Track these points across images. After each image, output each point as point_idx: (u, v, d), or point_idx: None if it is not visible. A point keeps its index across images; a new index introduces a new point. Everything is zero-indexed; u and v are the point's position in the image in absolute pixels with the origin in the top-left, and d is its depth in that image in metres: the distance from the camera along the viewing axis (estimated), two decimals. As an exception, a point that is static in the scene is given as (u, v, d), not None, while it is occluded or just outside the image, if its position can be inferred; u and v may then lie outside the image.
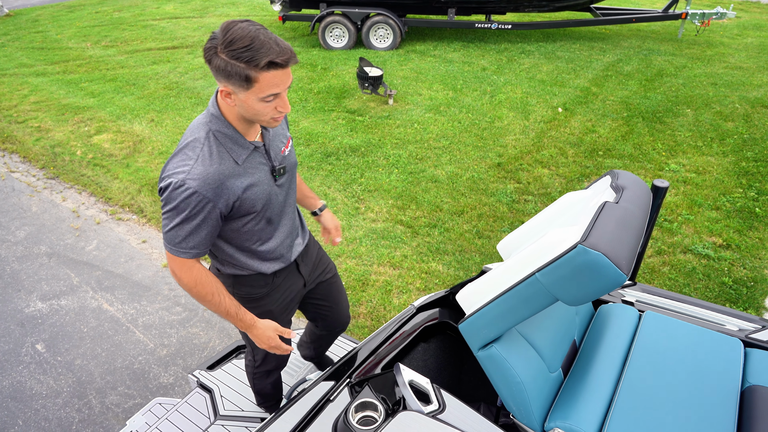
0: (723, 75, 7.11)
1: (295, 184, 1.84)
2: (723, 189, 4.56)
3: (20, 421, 2.81)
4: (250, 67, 1.35)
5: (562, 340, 1.65)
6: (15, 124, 6.05)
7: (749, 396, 1.48)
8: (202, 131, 1.52)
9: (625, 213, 1.39)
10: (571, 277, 1.26)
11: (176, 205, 1.48)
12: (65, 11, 11.23)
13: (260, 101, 1.43)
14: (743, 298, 3.44)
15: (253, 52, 1.34)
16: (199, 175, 1.47)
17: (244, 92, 1.41)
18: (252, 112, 1.47)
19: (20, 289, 3.69)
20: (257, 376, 2.20)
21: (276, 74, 1.39)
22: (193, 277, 1.60)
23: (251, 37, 1.35)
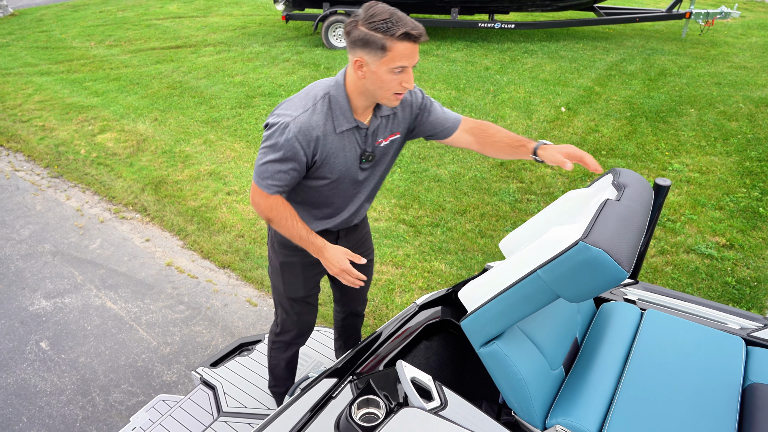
0: (727, 74, 7.10)
1: (380, 177, 1.92)
2: (726, 189, 4.55)
3: (24, 418, 2.83)
4: (386, 36, 1.49)
5: (564, 337, 1.66)
6: (19, 123, 6.08)
7: (750, 394, 1.48)
8: (321, 91, 1.67)
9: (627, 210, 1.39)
10: (573, 273, 1.26)
11: (274, 143, 1.64)
12: (69, 11, 11.27)
13: (389, 72, 1.54)
14: (746, 298, 3.44)
15: (391, 23, 1.49)
16: (301, 123, 1.61)
17: (377, 62, 1.53)
18: (377, 84, 1.58)
19: (25, 287, 3.71)
20: (275, 347, 2.31)
21: (408, 46, 1.51)
22: (269, 204, 1.74)
23: (390, 12, 1.51)
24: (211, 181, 4.84)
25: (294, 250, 1.99)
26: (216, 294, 3.63)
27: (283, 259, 2.04)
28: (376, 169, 1.88)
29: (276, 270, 2.09)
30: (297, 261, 2.03)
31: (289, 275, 2.07)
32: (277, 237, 2.01)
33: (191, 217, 4.37)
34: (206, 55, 8.18)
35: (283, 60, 7.88)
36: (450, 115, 1.88)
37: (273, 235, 2.03)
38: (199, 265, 3.90)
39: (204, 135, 5.66)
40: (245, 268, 3.80)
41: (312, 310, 2.22)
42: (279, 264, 2.05)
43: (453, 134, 1.87)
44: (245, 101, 6.46)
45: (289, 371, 2.41)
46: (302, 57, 7.98)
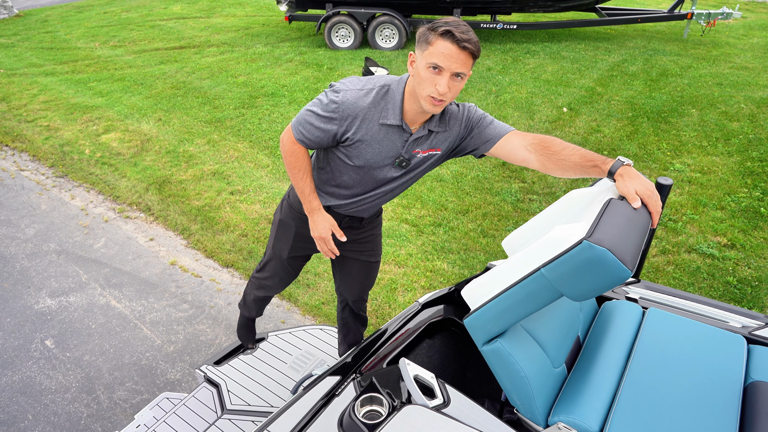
0: (728, 75, 7.10)
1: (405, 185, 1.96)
2: (728, 189, 4.56)
3: (30, 415, 2.85)
4: (430, 31, 1.54)
5: (566, 335, 1.67)
6: (24, 123, 6.11)
7: (752, 391, 1.50)
8: (384, 81, 1.73)
9: (630, 210, 1.39)
10: (576, 272, 1.27)
11: (322, 99, 1.73)
12: (74, 12, 11.31)
13: (426, 68, 1.56)
14: (748, 298, 3.45)
15: (442, 23, 1.53)
16: (351, 97, 1.69)
17: (421, 57, 1.57)
18: (417, 80, 1.60)
19: (30, 285, 3.73)
20: (252, 281, 2.48)
21: (447, 46, 1.51)
22: (293, 150, 1.83)
23: (454, 19, 1.56)
24: (215, 180, 4.86)
25: (296, 216, 2.10)
26: (219, 293, 3.65)
27: (284, 217, 2.15)
28: (405, 176, 1.90)
29: (274, 224, 2.22)
30: (293, 225, 2.13)
31: (281, 233, 2.18)
32: (290, 198, 2.11)
33: (195, 216, 4.40)
34: (210, 56, 8.21)
35: (287, 60, 7.90)
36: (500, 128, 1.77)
37: (288, 196, 2.13)
38: (202, 264, 3.92)
39: (207, 135, 5.69)
40: (248, 267, 3.82)
41: (289, 273, 2.34)
42: (278, 220, 2.18)
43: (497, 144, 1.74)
44: (248, 101, 6.48)
45: (256, 308, 2.62)
46: (305, 57, 8.00)
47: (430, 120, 1.76)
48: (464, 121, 1.81)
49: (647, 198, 1.41)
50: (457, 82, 1.58)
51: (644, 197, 1.42)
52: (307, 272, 3.73)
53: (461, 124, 1.81)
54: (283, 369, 2.57)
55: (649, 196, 1.42)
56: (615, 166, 1.50)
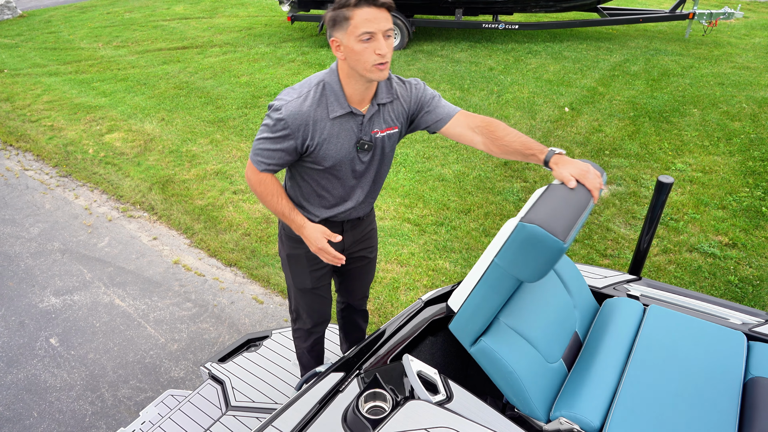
0: (730, 75, 7.10)
1: (384, 170, 1.95)
2: (729, 188, 4.57)
3: (35, 413, 2.87)
4: (345, 7, 1.55)
5: (559, 331, 1.69)
6: (28, 123, 6.14)
7: (751, 387, 1.51)
8: (317, 78, 1.73)
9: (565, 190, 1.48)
10: (519, 253, 1.38)
11: (267, 123, 1.73)
12: (77, 12, 11.35)
13: (358, 42, 1.57)
14: (749, 297, 3.46)
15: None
16: (293, 108, 1.68)
17: (346, 36, 1.58)
18: (355, 58, 1.60)
19: (34, 284, 3.76)
20: (296, 336, 2.40)
21: (368, 11, 1.54)
22: (259, 179, 1.83)
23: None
24: (218, 180, 4.88)
25: (299, 242, 2.04)
26: (223, 292, 3.67)
27: (290, 251, 2.09)
28: (373, 161, 1.90)
29: (284, 261, 2.16)
30: (302, 253, 2.08)
31: (295, 266, 2.13)
32: (285, 230, 2.06)
33: (198, 215, 4.42)
34: (212, 56, 8.24)
35: (289, 60, 7.93)
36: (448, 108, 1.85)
37: (282, 228, 2.08)
38: (205, 263, 3.94)
39: (210, 135, 5.71)
40: (251, 266, 3.84)
41: (322, 301, 2.27)
42: (286, 256, 2.12)
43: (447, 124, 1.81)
44: (251, 101, 6.50)
45: (314, 359, 2.48)
46: (307, 57, 8.02)
47: (376, 94, 1.77)
48: (413, 97, 1.84)
49: (582, 177, 1.52)
50: (389, 39, 1.61)
51: (579, 177, 1.52)
52: (309, 271, 3.75)
53: (411, 100, 1.84)
54: (287, 366, 2.58)
55: (584, 175, 1.52)
56: (549, 155, 1.63)
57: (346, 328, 2.64)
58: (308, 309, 2.26)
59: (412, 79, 1.87)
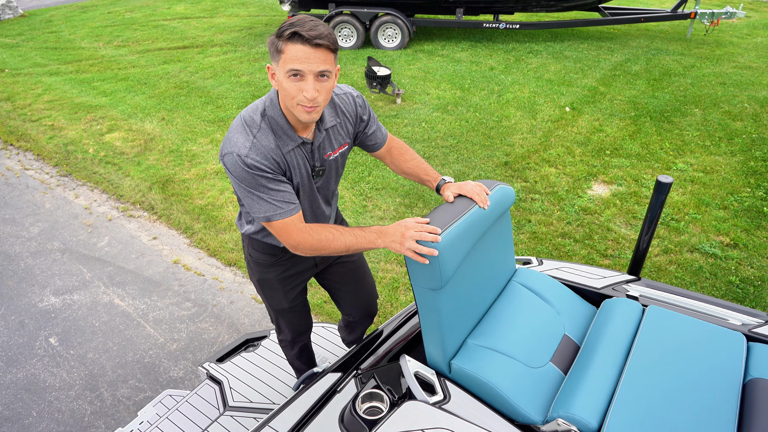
0: (732, 74, 7.08)
1: (334, 182, 1.87)
2: (731, 188, 4.55)
3: (34, 412, 2.87)
4: (279, 39, 1.41)
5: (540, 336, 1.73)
6: (29, 123, 6.14)
7: (751, 388, 1.50)
8: (256, 114, 1.57)
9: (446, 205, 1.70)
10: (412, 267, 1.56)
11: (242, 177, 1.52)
12: (78, 12, 11.36)
13: (286, 77, 1.44)
14: (750, 297, 3.44)
15: (287, 26, 1.40)
16: (256, 149, 1.52)
17: (278, 68, 1.46)
18: (283, 93, 1.49)
19: (34, 283, 3.76)
20: (282, 346, 2.37)
21: (299, 48, 1.39)
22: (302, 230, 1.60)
23: (299, 18, 1.42)
24: (218, 179, 4.88)
25: (267, 266, 1.98)
26: (222, 291, 3.67)
27: (260, 276, 2.02)
28: (330, 177, 1.83)
29: (256, 286, 2.09)
30: (273, 277, 2.00)
31: (268, 290, 2.06)
32: (250, 255, 1.98)
33: (198, 215, 4.42)
34: (213, 56, 8.23)
35: (289, 60, 7.92)
36: (382, 130, 1.89)
37: (248, 253, 1.99)
38: (205, 263, 3.94)
39: (211, 134, 5.71)
40: (251, 266, 3.84)
41: (301, 315, 2.22)
42: (257, 281, 2.05)
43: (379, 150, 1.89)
44: (252, 101, 6.49)
45: (306, 363, 2.45)
46: (308, 57, 8.02)
47: (321, 119, 1.66)
48: (357, 115, 1.79)
49: (460, 190, 1.73)
50: (325, 82, 1.47)
51: (461, 191, 1.73)
52: (309, 271, 3.74)
53: (356, 117, 1.78)
54: (285, 366, 2.58)
55: (461, 187, 1.74)
56: (440, 184, 1.84)
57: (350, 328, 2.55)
58: (289, 324, 2.22)
59: (352, 91, 1.78)
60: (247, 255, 2.00)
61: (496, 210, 1.76)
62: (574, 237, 4.02)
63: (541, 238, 4.01)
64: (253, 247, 1.95)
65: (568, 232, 4.08)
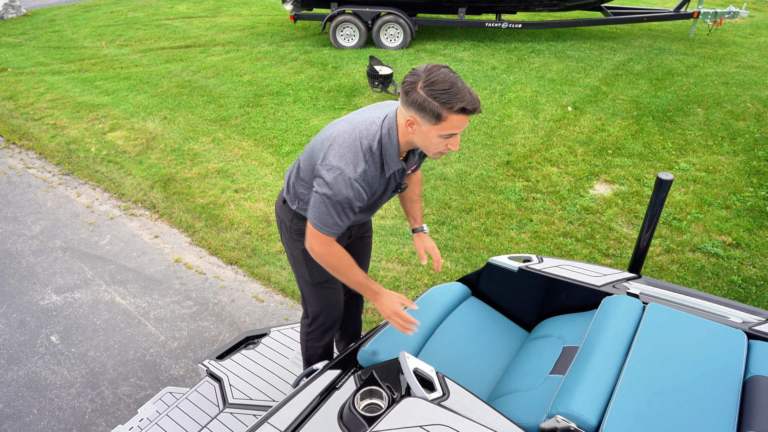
0: (735, 74, 7.06)
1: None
2: (733, 188, 4.54)
3: (35, 410, 2.88)
4: (444, 107, 1.55)
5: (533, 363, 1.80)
6: (31, 122, 6.16)
7: (751, 386, 1.50)
8: (374, 141, 1.72)
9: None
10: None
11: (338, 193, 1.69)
12: (81, 11, 11.38)
13: (439, 137, 1.63)
14: (752, 297, 3.43)
15: (450, 96, 1.54)
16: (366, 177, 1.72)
17: (429, 126, 1.61)
18: (425, 143, 1.68)
19: (36, 282, 3.77)
20: (311, 337, 2.38)
21: (462, 118, 1.59)
22: (330, 252, 1.80)
23: (450, 82, 1.55)
24: (219, 178, 4.88)
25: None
26: (223, 290, 3.67)
27: (304, 246, 2.06)
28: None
29: (298, 259, 2.14)
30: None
31: (311, 260, 2.10)
32: (293, 227, 2.07)
33: (199, 214, 4.42)
34: (215, 55, 8.24)
35: (291, 59, 7.93)
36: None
37: (290, 226, 2.08)
38: (206, 262, 3.94)
39: (212, 133, 5.71)
40: (252, 265, 3.84)
41: (338, 293, 2.28)
42: (300, 252, 2.10)
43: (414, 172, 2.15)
44: (253, 100, 6.50)
45: (326, 356, 2.49)
46: (310, 56, 8.02)
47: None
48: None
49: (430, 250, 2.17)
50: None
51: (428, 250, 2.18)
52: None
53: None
54: (285, 364, 2.58)
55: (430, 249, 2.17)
56: (417, 229, 2.22)
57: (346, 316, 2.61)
58: (326, 305, 2.26)
59: None
60: (288, 229, 2.09)
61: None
62: (576, 236, 4.01)
63: (542, 237, 4.01)
64: (299, 216, 2.05)
65: (570, 231, 4.07)
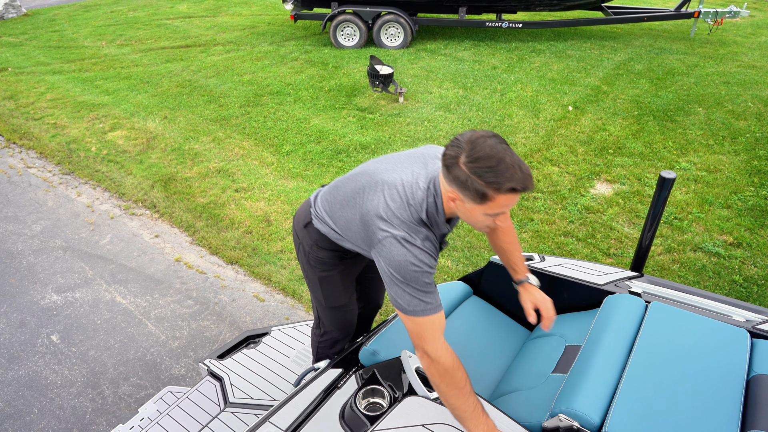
0: (736, 74, 7.05)
1: None
2: (734, 187, 4.53)
3: (36, 409, 2.87)
4: (490, 187, 1.34)
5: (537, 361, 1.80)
6: (32, 121, 6.15)
7: (754, 385, 1.49)
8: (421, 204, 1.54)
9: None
10: None
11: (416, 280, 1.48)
12: (81, 11, 11.38)
13: (485, 215, 1.43)
14: (754, 296, 3.43)
15: (498, 175, 1.32)
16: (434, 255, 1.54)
17: (473, 204, 1.41)
18: (470, 219, 1.48)
19: (36, 281, 3.76)
20: (322, 345, 2.28)
21: (511, 197, 1.38)
22: (453, 357, 1.49)
23: (498, 158, 1.33)
24: (220, 178, 4.88)
25: (333, 265, 1.94)
26: (224, 289, 3.66)
27: (321, 273, 1.97)
28: None
29: (314, 283, 2.02)
30: (335, 273, 1.97)
31: (327, 288, 2.01)
32: (312, 254, 1.93)
33: (200, 213, 4.42)
34: (215, 54, 8.24)
35: (292, 59, 7.92)
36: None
37: (308, 252, 1.94)
38: (207, 261, 3.93)
39: (213, 133, 5.71)
40: (253, 264, 3.84)
41: (353, 313, 2.19)
42: (317, 279, 1.99)
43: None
44: (254, 99, 6.50)
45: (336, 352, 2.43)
46: (310, 56, 8.02)
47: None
48: None
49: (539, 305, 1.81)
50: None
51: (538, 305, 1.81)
52: (311, 269, 3.74)
53: None
54: (286, 363, 2.57)
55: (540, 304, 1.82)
56: (521, 280, 1.89)
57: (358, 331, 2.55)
58: (339, 324, 2.15)
59: None
60: (306, 254, 1.94)
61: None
62: (577, 236, 4.01)
63: (543, 236, 4.00)
64: (320, 245, 1.89)
65: (571, 230, 4.07)
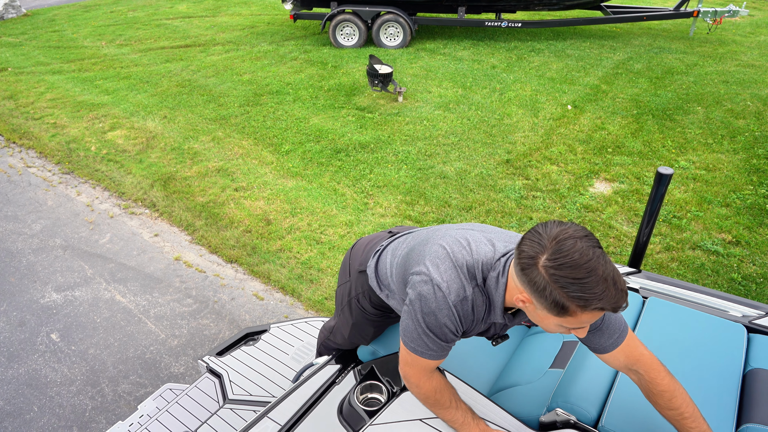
0: (735, 73, 7.06)
1: None
2: (733, 186, 4.54)
3: (36, 407, 2.88)
4: (574, 302, 1.12)
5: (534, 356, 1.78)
6: (32, 121, 6.16)
7: (751, 379, 1.50)
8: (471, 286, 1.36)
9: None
10: None
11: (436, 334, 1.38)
12: (81, 11, 11.39)
13: (559, 326, 1.23)
14: (752, 295, 3.43)
15: (585, 290, 1.10)
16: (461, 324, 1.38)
17: (547, 313, 1.19)
18: (540, 324, 1.27)
19: (36, 280, 3.77)
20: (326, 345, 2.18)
21: (595, 314, 1.15)
22: (434, 385, 1.46)
23: (588, 269, 1.10)
24: (219, 177, 4.88)
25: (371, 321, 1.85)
26: (223, 288, 3.67)
27: (357, 320, 1.87)
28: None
29: (346, 323, 1.91)
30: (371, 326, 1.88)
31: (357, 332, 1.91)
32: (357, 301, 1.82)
33: (199, 212, 4.42)
34: (215, 54, 8.25)
35: (291, 59, 7.93)
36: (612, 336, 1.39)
37: (354, 296, 1.82)
38: (206, 260, 3.94)
39: (212, 132, 5.71)
40: (252, 263, 3.84)
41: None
42: (352, 322, 1.88)
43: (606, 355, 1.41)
44: (253, 99, 6.51)
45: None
46: (310, 56, 8.02)
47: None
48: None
49: None
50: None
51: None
52: (310, 268, 3.75)
53: None
54: (285, 360, 2.58)
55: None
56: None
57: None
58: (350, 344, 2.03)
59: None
60: (353, 297, 1.83)
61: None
62: (576, 234, 4.01)
63: (542, 234, 4.01)
64: (370, 301, 1.79)
65: (570, 229, 4.07)
